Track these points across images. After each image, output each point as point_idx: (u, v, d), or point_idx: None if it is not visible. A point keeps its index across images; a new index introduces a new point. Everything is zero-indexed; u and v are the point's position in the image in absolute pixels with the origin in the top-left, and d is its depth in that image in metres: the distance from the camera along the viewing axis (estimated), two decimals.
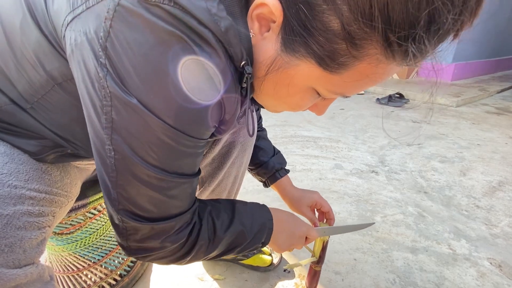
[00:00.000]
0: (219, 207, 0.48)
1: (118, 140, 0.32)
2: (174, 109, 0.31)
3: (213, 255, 0.47)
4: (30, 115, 0.40)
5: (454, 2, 0.24)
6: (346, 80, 0.32)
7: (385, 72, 0.31)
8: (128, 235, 0.39)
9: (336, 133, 2.03)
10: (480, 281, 0.86)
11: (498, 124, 2.36)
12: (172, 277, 0.85)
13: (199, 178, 0.72)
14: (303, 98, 0.38)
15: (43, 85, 0.38)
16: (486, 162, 1.65)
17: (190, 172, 0.39)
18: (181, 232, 0.41)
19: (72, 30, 0.31)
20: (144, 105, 0.30)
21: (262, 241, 0.51)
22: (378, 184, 1.38)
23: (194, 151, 0.37)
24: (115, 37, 0.29)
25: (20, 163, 0.40)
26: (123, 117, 0.31)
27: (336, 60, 0.30)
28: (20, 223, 0.36)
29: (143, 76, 0.30)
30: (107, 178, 0.35)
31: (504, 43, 4.98)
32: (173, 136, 0.33)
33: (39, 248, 0.39)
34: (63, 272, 0.72)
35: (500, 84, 3.95)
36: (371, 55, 0.29)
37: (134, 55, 0.29)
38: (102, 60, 0.30)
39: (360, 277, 0.86)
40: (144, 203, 0.37)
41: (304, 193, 0.74)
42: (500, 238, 1.05)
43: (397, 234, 1.05)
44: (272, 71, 0.35)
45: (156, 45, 0.29)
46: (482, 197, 1.30)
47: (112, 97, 0.31)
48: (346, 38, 0.28)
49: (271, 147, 0.78)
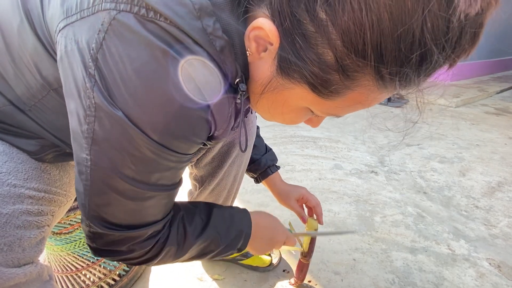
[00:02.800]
0: (194, 212, 0.48)
1: (97, 151, 0.32)
2: (161, 125, 0.31)
3: (184, 259, 0.47)
4: (29, 117, 0.40)
5: (447, 44, 0.25)
6: (338, 105, 0.33)
7: (377, 98, 0.32)
8: (96, 239, 0.39)
9: (335, 133, 2.04)
10: (479, 282, 0.86)
11: (497, 125, 2.36)
12: (171, 277, 0.85)
13: (199, 177, 0.73)
14: (297, 116, 0.39)
15: (40, 89, 0.38)
16: (485, 162, 1.66)
17: (170, 183, 0.38)
18: (149, 240, 0.40)
19: (64, 37, 0.31)
20: (129, 118, 0.30)
21: (238, 247, 0.51)
22: (378, 184, 1.38)
23: (177, 165, 0.37)
24: (107, 50, 0.29)
25: (19, 162, 0.40)
26: (105, 129, 0.31)
27: (329, 88, 0.31)
28: (19, 222, 0.36)
29: (132, 91, 0.29)
30: (81, 184, 0.35)
31: (503, 43, 4.99)
32: (157, 151, 0.33)
33: (38, 247, 0.39)
34: (61, 272, 0.72)
35: (500, 84, 3.96)
36: (363, 85, 0.30)
37: (125, 69, 0.29)
38: (91, 70, 0.29)
39: (360, 277, 0.86)
40: (116, 212, 0.36)
41: (292, 188, 0.78)
42: (499, 238, 1.05)
43: (396, 234, 1.05)
44: (268, 91, 0.35)
45: (149, 61, 0.29)
46: (481, 198, 1.30)
47: (97, 108, 0.30)
48: (339, 70, 0.28)
49: (263, 145, 0.80)
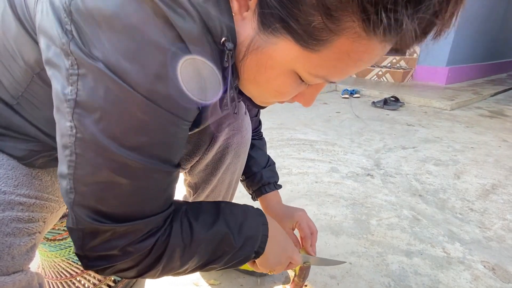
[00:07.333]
0: (199, 207, 0.43)
1: (81, 115, 0.29)
2: (146, 75, 0.28)
3: (193, 265, 0.40)
4: (17, 113, 0.39)
5: None
6: (325, 59, 0.30)
7: (367, 50, 0.29)
8: (84, 241, 0.33)
9: (332, 136, 2.04)
10: (474, 284, 0.86)
11: (492, 127, 2.38)
12: (167, 283, 0.84)
13: (193, 184, 0.72)
14: (284, 83, 0.35)
15: (24, 76, 0.37)
16: (479, 165, 1.67)
17: (167, 158, 0.34)
18: (147, 239, 0.35)
19: (40, 3, 0.30)
20: (111, 69, 0.28)
21: (255, 250, 0.44)
22: (374, 187, 1.39)
23: (172, 131, 0.33)
24: (80, 0, 0.27)
25: (9, 169, 0.39)
26: (89, 88, 0.28)
27: (313, 35, 0.28)
28: (9, 230, 0.36)
29: (111, 38, 0.27)
30: (65, 162, 0.31)
31: (498, 47, 5.06)
32: (146, 108, 0.29)
33: (29, 254, 0.38)
34: (56, 279, 0.71)
35: (494, 87, 4.00)
36: (349, 28, 0.27)
37: (102, 15, 0.27)
38: (67, 26, 0.28)
39: (355, 281, 0.85)
40: (106, 196, 0.32)
41: (288, 213, 0.67)
42: (493, 241, 1.05)
43: (392, 237, 1.05)
44: (251, 51, 0.32)
45: (125, 3, 0.27)
46: (476, 200, 1.31)
47: (78, 65, 0.28)
48: (321, 10, 0.26)
49: (264, 159, 0.73)
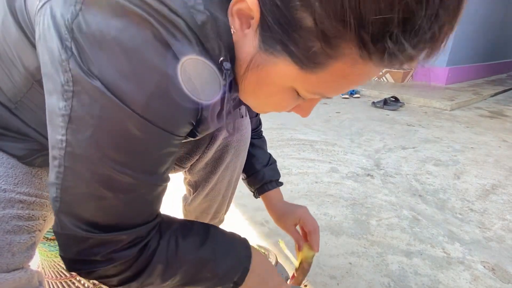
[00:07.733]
0: (191, 227, 0.44)
1: (74, 130, 0.30)
2: (143, 95, 0.29)
3: (173, 284, 0.41)
4: (16, 116, 0.39)
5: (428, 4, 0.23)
6: (323, 80, 0.31)
7: (363, 73, 0.30)
8: (68, 245, 0.34)
9: (332, 136, 2.04)
10: (473, 284, 0.86)
11: (492, 128, 2.39)
12: None
13: (193, 182, 0.72)
14: (283, 99, 0.36)
15: (24, 82, 0.37)
16: (479, 165, 1.67)
17: (156, 172, 0.35)
18: (130, 248, 0.35)
19: (42, 15, 0.30)
20: (108, 88, 0.28)
21: (234, 280, 0.45)
22: (374, 188, 1.39)
23: (165, 148, 0.34)
24: (83, 19, 0.28)
25: (9, 167, 0.39)
26: (84, 104, 0.29)
27: (312, 58, 0.29)
28: (9, 227, 0.36)
29: (110, 57, 0.28)
30: (53, 172, 0.32)
31: (498, 47, 5.06)
32: (141, 127, 0.30)
33: (29, 252, 0.38)
34: (55, 278, 0.71)
35: (494, 88, 4.01)
36: (346, 54, 0.28)
37: (103, 36, 0.28)
38: (67, 43, 0.28)
39: (355, 281, 0.85)
40: (91, 207, 0.33)
41: (290, 209, 0.69)
42: (493, 241, 1.05)
43: (392, 237, 1.05)
44: (251, 68, 0.34)
45: (126, 28, 0.28)
46: (475, 200, 1.31)
47: (74, 81, 0.29)
48: (320, 36, 0.27)
49: (265, 157, 0.74)
